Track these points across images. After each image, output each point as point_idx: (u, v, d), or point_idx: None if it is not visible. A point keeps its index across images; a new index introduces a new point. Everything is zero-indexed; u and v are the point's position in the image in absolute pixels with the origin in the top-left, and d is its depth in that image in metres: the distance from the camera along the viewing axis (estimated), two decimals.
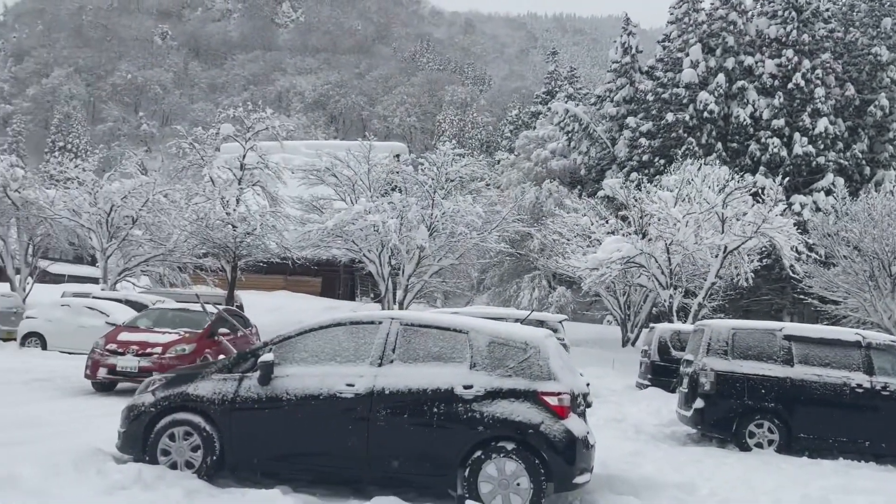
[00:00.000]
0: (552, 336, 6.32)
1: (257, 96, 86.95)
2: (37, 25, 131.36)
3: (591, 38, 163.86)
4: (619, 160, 35.25)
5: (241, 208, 23.53)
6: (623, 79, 37.80)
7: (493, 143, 74.37)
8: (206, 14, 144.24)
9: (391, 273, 23.64)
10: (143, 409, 6.15)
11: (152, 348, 11.12)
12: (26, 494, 4.92)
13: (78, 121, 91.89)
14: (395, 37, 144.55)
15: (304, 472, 6.07)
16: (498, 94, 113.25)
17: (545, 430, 5.57)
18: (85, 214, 23.38)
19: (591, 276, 20.99)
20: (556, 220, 26.66)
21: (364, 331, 6.18)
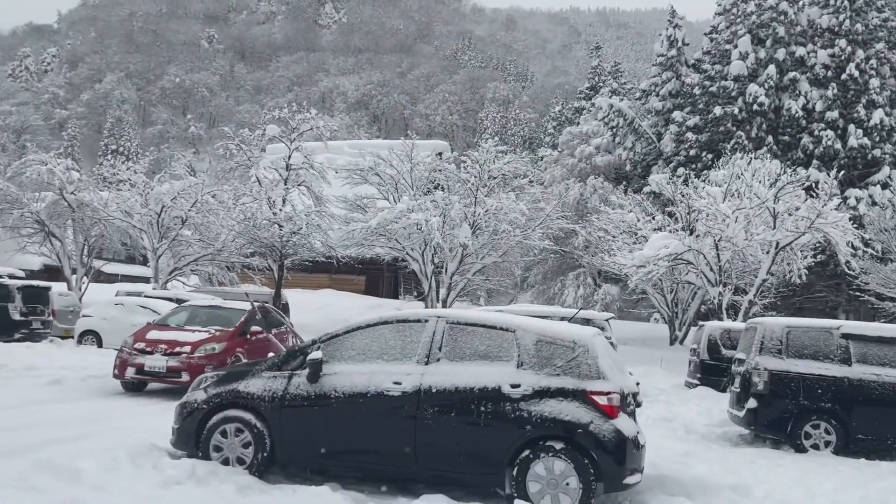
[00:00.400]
0: (601, 334, 6.25)
1: (301, 97, 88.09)
2: (90, 32, 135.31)
3: (636, 32, 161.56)
4: (666, 155, 34.69)
5: (287, 208, 23.86)
6: (669, 72, 37.18)
7: (535, 140, 73.98)
8: (251, 17, 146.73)
9: (434, 271, 23.69)
10: (195, 405, 6.27)
11: (181, 347, 10.74)
12: (88, 488, 5.06)
13: (129, 124, 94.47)
14: (436, 35, 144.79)
15: (353, 470, 6.10)
16: (540, 91, 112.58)
17: (594, 430, 5.50)
18: (137, 215, 23.99)
19: (637, 274, 20.70)
20: (601, 216, 26.36)
21: (410, 329, 6.19)
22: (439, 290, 23.63)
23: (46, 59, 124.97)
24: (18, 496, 4.76)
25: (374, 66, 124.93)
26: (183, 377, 10.32)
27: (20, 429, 7.54)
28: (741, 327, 12.59)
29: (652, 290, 25.17)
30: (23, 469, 5.25)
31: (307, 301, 27.63)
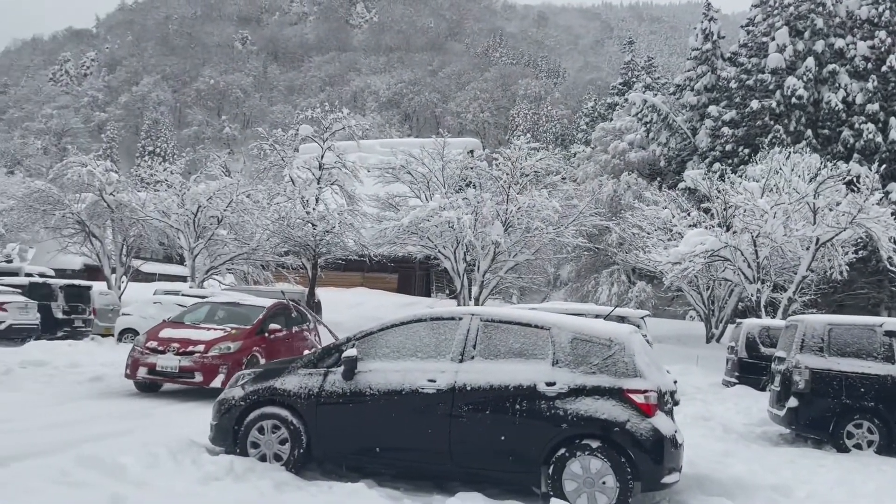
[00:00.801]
0: (637, 332, 6.17)
1: (333, 97, 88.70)
2: (127, 36, 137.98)
3: (670, 26, 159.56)
4: (701, 150, 34.20)
5: (321, 207, 24.05)
6: (704, 66, 36.64)
7: (568, 136, 73.48)
8: (284, 18, 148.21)
9: (466, 269, 23.67)
10: (233, 402, 6.35)
11: (194, 346, 10.22)
12: (130, 484, 5.16)
13: (165, 126, 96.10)
14: (467, 33, 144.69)
15: (388, 467, 6.12)
16: (572, 87, 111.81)
17: (631, 428, 5.44)
18: (173, 215, 24.39)
19: (673, 271, 20.44)
20: (636, 213, 26.09)
21: (444, 327, 6.18)
22: (471, 288, 23.61)
23: (86, 62, 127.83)
24: (63, 491, 4.86)
25: (405, 65, 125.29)
26: (196, 377, 10.06)
27: (64, 425, 7.73)
28: (781, 325, 12.38)
29: (687, 288, 24.85)
30: (67, 465, 5.37)
31: (340, 299, 27.84)
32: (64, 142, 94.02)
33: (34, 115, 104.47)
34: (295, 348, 11.70)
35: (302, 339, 12.24)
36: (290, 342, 11.74)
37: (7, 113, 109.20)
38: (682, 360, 17.41)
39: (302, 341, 12.21)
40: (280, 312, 11.91)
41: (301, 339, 12.21)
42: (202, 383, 10.03)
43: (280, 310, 11.99)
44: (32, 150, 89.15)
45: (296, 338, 12.01)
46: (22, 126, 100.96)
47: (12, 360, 11.76)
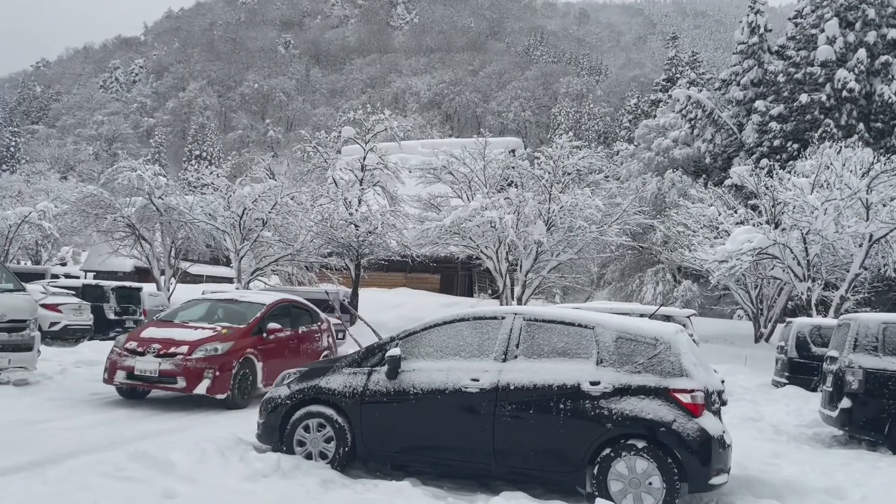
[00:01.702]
0: (683, 331, 6.08)
1: (375, 99, 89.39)
2: (174, 43, 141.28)
3: (714, 21, 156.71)
4: (748, 146, 33.48)
5: (363, 208, 24.24)
6: (750, 60, 35.86)
7: (610, 134, 72.75)
8: (325, 21, 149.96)
9: (509, 269, 23.59)
10: (279, 401, 6.45)
11: (177, 347, 9.18)
12: (180, 479, 5.29)
13: (211, 130, 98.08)
14: (507, 32, 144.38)
15: (432, 466, 6.14)
16: (615, 84, 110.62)
17: (678, 429, 5.36)
18: (220, 218, 24.86)
19: (719, 269, 20.05)
20: (681, 211, 25.67)
21: (487, 326, 6.18)
22: (514, 287, 23.52)
23: (134, 69, 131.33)
24: (117, 486, 5.01)
25: (445, 66, 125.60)
26: (178, 383, 9.04)
27: (117, 422, 7.95)
28: (833, 324, 12.03)
29: (735, 286, 24.35)
30: (120, 460, 5.53)
31: (383, 299, 27.99)
32: (114, 147, 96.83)
33: (86, 122, 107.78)
34: (303, 351, 10.90)
35: (312, 341, 11.28)
36: (296, 344, 10.84)
37: (60, 120, 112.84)
38: (729, 359, 17.10)
39: (312, 343, 11.27)
40: (284, 311, 10.93)
41: (311, 341, 11.24)
42: (185, 389, 9.06)
43: (284, 308, 11.00)
44: (85, 156, 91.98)
45: (305, 339, 11.09)
46: (74, 132, 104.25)
47: (67, 359, 12.14)
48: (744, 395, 12.37)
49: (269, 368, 9.90)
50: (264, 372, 9.90)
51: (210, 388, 9.03)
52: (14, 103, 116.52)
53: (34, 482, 4.94)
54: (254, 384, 9.84)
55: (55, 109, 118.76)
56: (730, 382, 11.89)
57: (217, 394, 9.15)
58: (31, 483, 4.91)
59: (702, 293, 30.76)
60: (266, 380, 9.87)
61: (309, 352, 10.97)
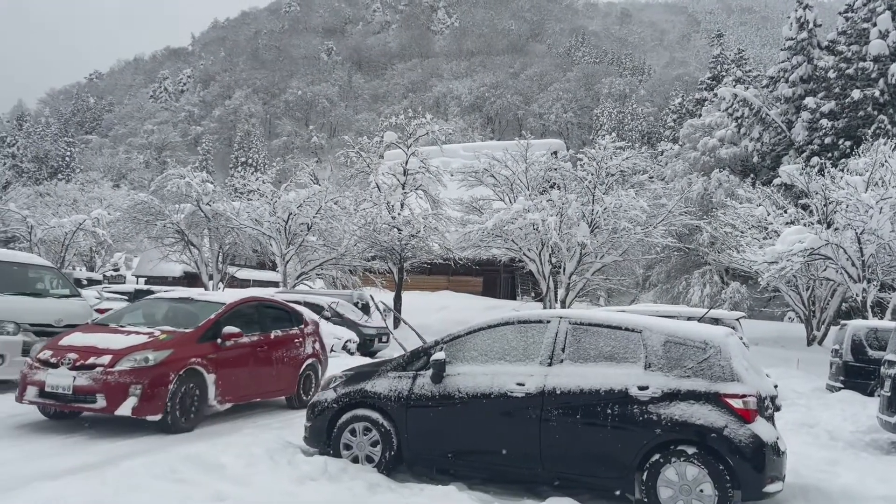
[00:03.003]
0: (733, 334, 5.95)
1: (416, 103, 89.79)
2: (220, 52, 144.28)
3: (761, 17, 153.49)
4: (797, 144, 32.67)
5: (405, 212, 24.38)
6: (799, 56, 35.00)
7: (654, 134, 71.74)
8: (367, 27, 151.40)
9: (552, 271, 23.46)
10: (325, 405, 6.52)
11: (98, 357, 7.34)
12: (231, 482, 5.38)
13: (256, 137, 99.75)
14: (549, 33, 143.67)
15: (478, 470, 6.12)
16: (658, 84, 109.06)
17: (729, 435, 5.25)
18: (266, 223, 25.28)
19: (769, 271, 19.59)
20: (728, 211, 25.20)
21: (532, 330, 6.14)
22: (557, 290, 23.37)
23: (182, 79, 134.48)
24: (170, 488, 5.12)
25: (486, 69, 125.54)
26: (97, 402, 7.13)
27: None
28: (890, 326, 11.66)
29: (785, 288, 23.76)
30: (173, 463, 5.65)
31: (426, 303, 28.08)
32: (164, 155, 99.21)
33: (137, 131, 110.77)
34: (276, 359, 9.25)
35: (289, 347, 9.58)
36: (266, 351, 9.09)
37: (112, 130, 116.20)
38: (781, 363, 16.68)
39: (289, 349, 9.58)
40: (251, 312, 9.17)
41: (288, 347, 9.55)
42: (105, 409, 7.15)
43: (251, 308, 9.24)
44: (135, 164, 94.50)
45: (279, 345, 9.35)
46: (126, 142, 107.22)
47: None
48: (797, 400, 12.04)
49: (227, 381, 8.20)
50: (218, 386, 8.07)
51: (137, 409, 7.15)
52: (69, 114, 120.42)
53: (93, 483, 5.08)
54: (202, 401, 7.89)
55: (108, 120, 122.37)
56: (782, 387, 11.61)
57: (147, 414, 7.25)
58: (91, 484, 5.05)
59: (750, 295, 30.10)
60: (222, 395, 8.17)
61: (285, 360, 9.42)
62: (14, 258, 10.88)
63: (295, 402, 9.85)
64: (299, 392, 9.89)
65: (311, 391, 10.04)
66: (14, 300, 9.66)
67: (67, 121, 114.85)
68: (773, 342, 22.73)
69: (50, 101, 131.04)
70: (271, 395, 9.54)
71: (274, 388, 9.43)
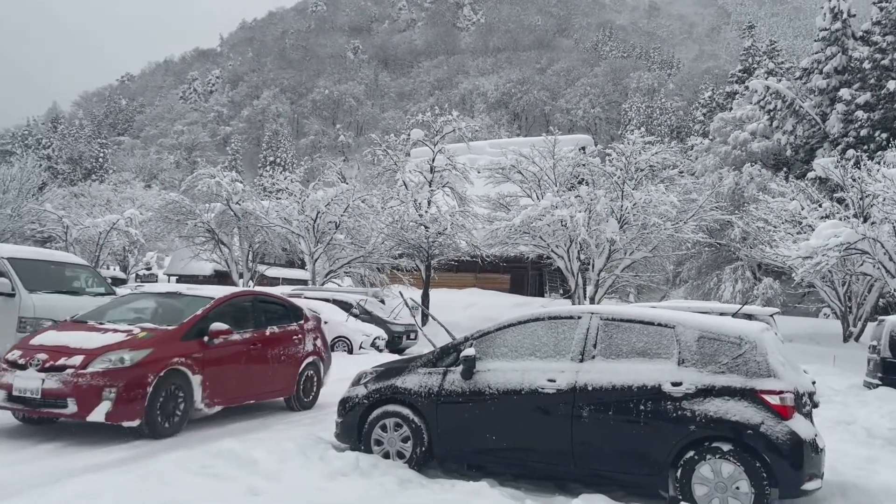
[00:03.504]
0: (769, 329, 5.84)
1: (442, 100, 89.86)
2: (248, 53, 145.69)
3: (793, 7, 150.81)
4: (832, 137, 32.02)
5: (433, 209, 24.38)
6: (833, 47, 34.28)
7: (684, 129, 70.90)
8: (393, 26, 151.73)
9: (581, 268, 23.30)
10: (356, 401, 6.54)
11: (69, 358, 6.79)
12: (264, 477, 5.43)
13: (284, 136, 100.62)
14: (575, 28, 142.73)
15: (508, 467, 6.10)
16: (688, 77, 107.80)
17: (766, 431, 5.15)
18: (294, 222, 25.46)
19: (804, 266, 19.22)
20: (760, 205, 24.79)
21: (563, 326, 6.10)
22: (586, 287, 23.20)
23: (211, 80, 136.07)
24: (204, 483, 5.18)
25: (512, 65, 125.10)
26: (68, 407, 6.63)
27: (201, 421, 8.21)
28: None
29: (820, 284, 23.33)
30: (207, 459, 5.72)
31: (453, 300, 28.07)
32: (194, 155, 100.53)
33: (167, 132, 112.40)
34: (272, 357, 8.73)
35: (287, 345, 9.04)
36: (261, 349, 8.53)
37: (144, 131, 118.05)
38: (816, 359, 16.38)
39: (287, 347, 9.05)
40: (244, 307, 8.62)
41: (285, 345, 9.01)
42: (76, 415, 6.64)
43: (245, 303, 8.69)
44: (166, 165, 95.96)
45: (275, 342, 8.80)
46: (157, 142, 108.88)
47: None
48: (834, 397, 11.80)
49: (215, 383, 7.67)
50: (206, 388, 7.54)
51: (112, 414, 6.62)
52: (102, 116, 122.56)
53: (127, 477, 5.16)
54: (187, 404, 7.35)
55: (139, 121, 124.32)
56: (819, 384, 11.36)
57: (123, 420, 6.73)
58: (124, 479, 5.12)
59: (784, 291, 29.59)
60: (210, 398, 7.65)
61: (282, 358, 8.89)
62: (51, 257, 11.09)
63: (294, 404, 9.34)
64: (299, 393, 9.36)
65: (313, 392, 9.70)
66: (52, 298, 9.81)
67: (100, 122, 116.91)
68: (808, 339, 22.34)
69: (83, 104, 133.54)
70: (267, 397, 8.98)
71: (270, 389, 8.86)
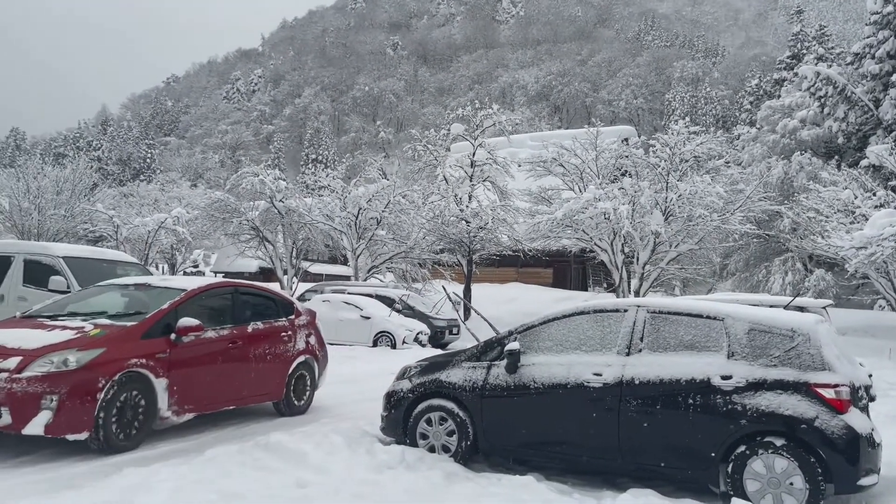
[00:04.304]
0: (823, 322, 5.68)
1: (482, 94, 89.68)
2: (289, 52, 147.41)
3: None
4: (886, 123, 30.98)
5: (473, 204, 24.35)
6: (886, 31, 33.13)
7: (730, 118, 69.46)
8: (432, 21, 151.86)
9: (625, 261, 23.00)
10: (401, 394, 6.57)
11: (4, 360, 5.88)
12: (312, 470, 5.50)
13: (326, 134, 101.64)
14: (616, 18, 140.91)
15: (555, 461, 6.06)
16: (733, 65, 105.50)
17: (820, 426, 5.02)
18: (337, 218, 25.71)
19: (857, 257, 18.69)
20: (811, 195, 24.15)
21: (609, 319, 6.03)
22: (630, 280, 22.91)
23: (253, 80, 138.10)
24: (254, 475, 5.27)
25: (553, 57, 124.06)
26: (2, 418, 5.75)
27: (248, 414, 8.36)
28: None
29: (875, 275, 22.59)
30: (256, 451, 5.83)
31: (495, 295, 28.00)
32: (237, 154, 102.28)
33: (212, 132, 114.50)
34: (255, 356, 7.72)
35: (273, 342, 8.06)
36: (241, 347, 7.52)
37: (189, 131, 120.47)
38: (871, 352, 15.93)
39: (273, 345, 8.06)
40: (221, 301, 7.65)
41: (271, 342, 8.03)
42: (11, 427, 5.75)
43: (221, 295, 7.70)
44: (211, 164, 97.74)
45: (258, 340, 7.80)
46: (202, 142, 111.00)
47: None
48: (889, 391, 11.46)
49: (185, 387, 6.69)
50: (172, 393, 6.57)
51: (52, 426, 5.70)
52: (149, 117, 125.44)
53: (182, 469, 5.28)
54: (149, 413, 6.41)
55: (184, 121, 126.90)
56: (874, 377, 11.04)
57: (67, 433, 5.80)
58: (178, 471, 5.24)
59: (836, 282, 28.80)
60: (179, 404, 6.67)
61: (268, 357, 7.93)
62: (104, 255, 11.40)
63: (284, 409, 8.32)
64: (289, 396, 8.33)
65: (306, 395, 8.69)
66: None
67: (147, 124, 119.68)
68: (863, 331, 21.69)
69: (131, 106, 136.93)
70: (251, 401, 7.90)
71: (254, 393, 7.77)
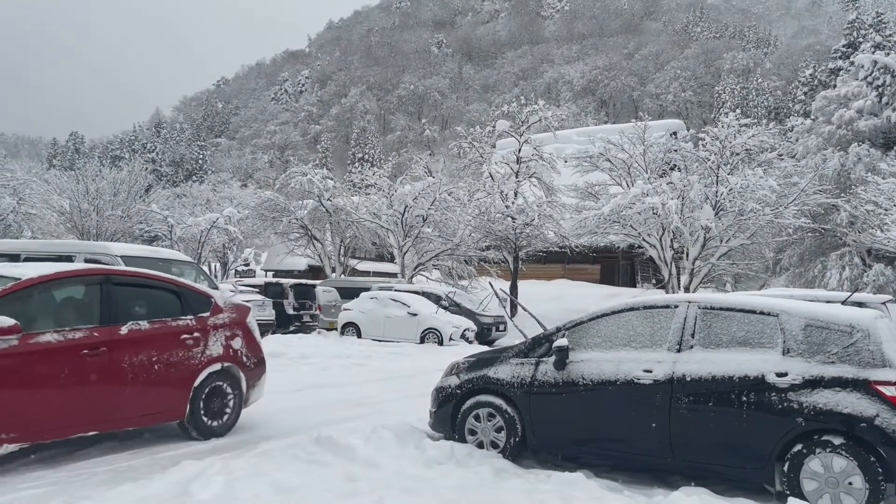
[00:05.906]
0: (884, 317, 5.51)
1: (527, 90, 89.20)
2: (335, 52, 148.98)
3: None
4: None
5: (519, 200, 24.27)
6: None
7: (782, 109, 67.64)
8: (476, 18, 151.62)
9: (674, 257, 22.65)
10: (450, 390, 6.60)
11: None
12: (362, 464, 5.58)
13: (372, 133, 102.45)
14: (664, 10, 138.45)
15: (604, 458, 6.02)
16: (786, 55, 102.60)
17: (881, 424, 4.86)
18: (383, 216, 25.93)
19: None
20: (869, 187, 23.42)
21: (659, 315, 5.94)
22: (680, 276, 22.54)
23: (301, 80, 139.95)
24: (306, 468, 5.37)
25: (598, 51, 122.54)
26: None
27: (301, 409, 8.51)
28: None
29: None
30: (307, 445, 5.94)
31: (542, 291, 27.85)
32: (286, 154, 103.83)
33: (261, 133, 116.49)
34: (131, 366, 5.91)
35: (169, 347, 6.28)
36: (104, 357, 5.69)
37: (239, 132, 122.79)
38: None
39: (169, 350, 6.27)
40: (75, 293, 5.91)
41: (166, 346, 6.24)
42: None
43: (84, 285, 5.92)
44: (261, 164, 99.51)
45: (141, 344, 6.02)
46: (251, 143, 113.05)
47: None
48: None
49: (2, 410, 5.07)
50: None
51: None
52: (200, 119, 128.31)
53: (237, 462, 5.41)
54: None
55: (234, 123, 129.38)
56: None
57: None
58: (234, 463, 5.37)
59: None
60: None
61: (156, 366, 6.14)
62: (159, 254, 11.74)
63: (191, 430, 6.51)
64: (196, 415, 6.49)
65: (227, 412, 6.81)
66: None
67: (199, 126, 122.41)
68: None
69: (183, 108, 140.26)
70: (129, 424, 6.04)
71: (136, 413, 6.01)
